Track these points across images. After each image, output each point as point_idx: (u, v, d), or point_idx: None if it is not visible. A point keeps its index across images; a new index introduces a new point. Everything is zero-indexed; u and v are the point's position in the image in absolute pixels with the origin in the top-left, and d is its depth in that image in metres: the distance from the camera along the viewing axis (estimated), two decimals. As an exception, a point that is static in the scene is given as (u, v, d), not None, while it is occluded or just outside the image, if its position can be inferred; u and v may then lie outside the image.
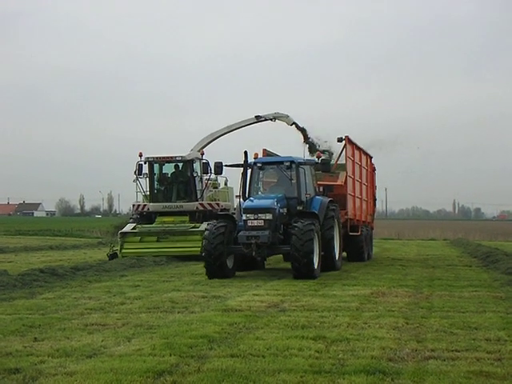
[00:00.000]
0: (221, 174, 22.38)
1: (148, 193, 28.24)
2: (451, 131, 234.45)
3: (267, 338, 9.93)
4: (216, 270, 18.55)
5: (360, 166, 27.27)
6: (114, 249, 26.66)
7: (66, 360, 8.70)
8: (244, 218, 18.78)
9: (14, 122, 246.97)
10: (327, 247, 20.12)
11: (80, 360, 8.72)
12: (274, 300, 13.85)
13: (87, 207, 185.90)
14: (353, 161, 25.76)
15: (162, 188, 28.45)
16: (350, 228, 25.06)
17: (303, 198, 20.15)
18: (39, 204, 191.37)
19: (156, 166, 28.23)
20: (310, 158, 22.17)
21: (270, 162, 21.29)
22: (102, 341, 9.84)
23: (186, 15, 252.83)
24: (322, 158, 21.29)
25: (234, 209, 25.60)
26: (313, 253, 18.16)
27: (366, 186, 28.65)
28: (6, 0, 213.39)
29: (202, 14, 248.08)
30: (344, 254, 24.50)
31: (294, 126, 31.02)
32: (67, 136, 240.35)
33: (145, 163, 27.88)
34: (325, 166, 20.92)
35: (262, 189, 20.79)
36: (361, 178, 27.36)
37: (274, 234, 18.64)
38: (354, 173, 25.87)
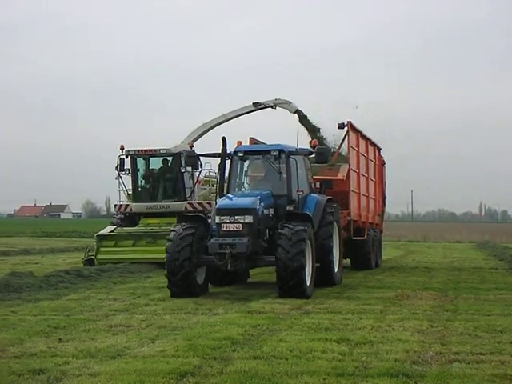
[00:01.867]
0: (194, 166, 19.22)
1: (131, 191, 24.97)
2: (476, 132, 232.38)
3: (290, 341, 9.92)
4: (181, 287, 14.88)
5: (366, 158, 23.73)
6: (90, 254, 23.80)
7: (90, 361, 8.75)
8: (217, 220, 15.03)
9: (41, 126, 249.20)
10: (324, 258, 16.46)
11: (104, 361, 8.76)
12: (297, 302, 13.81)
13: (113, 209, 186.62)
14: (357, 152, 22.27)
15: (147, 186, 25.06)
16: (354, 231, 21.46)
17: (294, 196, 16.17)
18: (65, 206, 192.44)
19: (139, 161, 24.77)
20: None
21: (253, 151, 17.46)
22: (126, 342, 9.89)
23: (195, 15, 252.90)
24: (319, 146, 17.25)
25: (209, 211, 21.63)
26: (303, 269, 14.57)
27: (374, 181, 25.08)
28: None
29: (217, 13, 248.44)
30: (347, 260, 22.18)
31: (296, 114, 26.61)
32: (93, 138, 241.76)
33: (126, 157, 24.35)
34: (321, 156, 16.62)
35: (245, 184, 17.27)
36: (367, 172, 23.82)
37: (255, 242, 14.88)
38: (358, 166, 22.36)
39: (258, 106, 27.22)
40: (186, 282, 14.90)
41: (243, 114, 27.74)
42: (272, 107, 27.27)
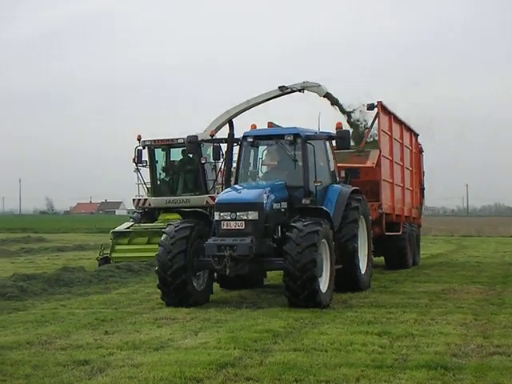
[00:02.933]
0: (195, 152, 18.39)
1: (150, 185, 23.03)
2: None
3: (331, 333, 10.01)
4: (176, 294, 12.96)
5: (401, 144, 21.47)
6: (105, 252, 22.08)
7: (133, 352, 8.95)
8: (217, 217, 13.02)
9: (94, 127, 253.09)
10: (347, 260, 14.52)
11: (147, 352, 8.96)
12: (342, 297, 13.85)
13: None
14: (390, 137, 20.09)
15: (167, 179, 23.11)
16: (387, 226, 19.45)
17: (311, 188, 14.04)
18: (120, 203, 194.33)
19: (158, 152, 22.89)
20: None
21: (265, 135, 15.09)
22: (170, 334, 10.10)
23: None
24: (340, 129, 15.00)
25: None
26: (315, 267, 12.36)
27: (411, 171, 22.83)
28: None
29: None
30: (380, 258, 20.66)
31: (326, 97, 23.54)
32: (148, 134, 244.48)
33: (143, 148, 22.47)
34: (342, 140, 14.57)
35: (257, 174, 15.11)
36: (402, 160, 21.51)
37: (261, 242, 12.75)
38: (391, 152, 20.12)
39: (284, 90, 24.15)
40: (182, 294, 12.99)
41: (269, 100, 24.68)
42: (300, 91, 24.11)
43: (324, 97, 23.45)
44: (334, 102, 23.29)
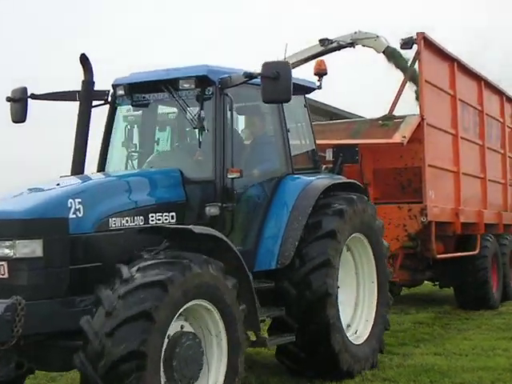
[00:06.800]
0: (23, 121, 7.83)
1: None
2: None
3: (475, 339, 10.18)
4: None
5: (480, 112, 14.10)
6: None
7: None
8: None
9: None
10: (313, 313, 7.40)
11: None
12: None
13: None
14: (452, 97, 12.83)
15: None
16: (456, 241, 12.97)
17: (227, 182, 6.96)
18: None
19: None
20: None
21: (149, 81, 7.49)
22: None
23: None
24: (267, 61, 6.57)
25: None
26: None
27: (502, 154, 15.23)
28: None
29: None
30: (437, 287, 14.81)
31: (386, 53, 14.99)
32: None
33: None
34: (271, 82, 6.45)
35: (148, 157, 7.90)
36: (482, 136, 14.00)
37: (62, 307, 5.67)
38: (454, 123, 12.76)
39: (327, 46, 15.92)
40: None
41: (310, 59, 16.07)
42: (350, 46, 15.81)
43: (383, 53, 15.42)
44: (397, 60, 15.43)
